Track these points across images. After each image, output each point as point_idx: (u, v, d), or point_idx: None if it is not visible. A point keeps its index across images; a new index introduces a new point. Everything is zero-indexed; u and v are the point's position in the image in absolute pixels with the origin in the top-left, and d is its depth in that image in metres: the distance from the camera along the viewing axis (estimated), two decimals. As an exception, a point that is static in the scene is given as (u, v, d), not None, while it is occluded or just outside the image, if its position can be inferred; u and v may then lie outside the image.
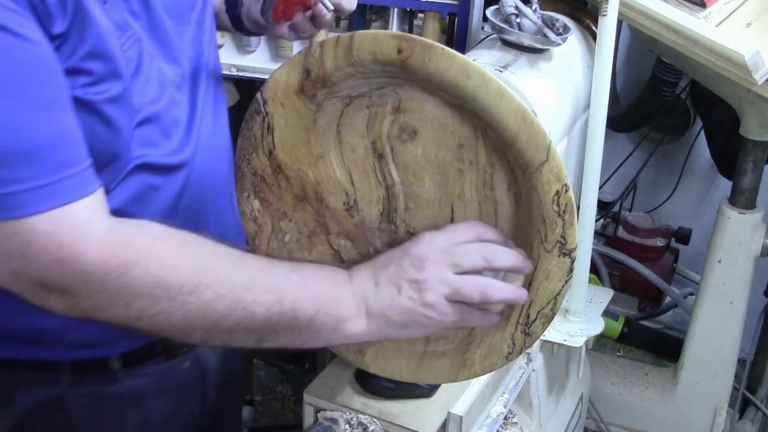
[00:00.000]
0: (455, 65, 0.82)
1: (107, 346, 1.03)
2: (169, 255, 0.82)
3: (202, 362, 1.15)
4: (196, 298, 0.82)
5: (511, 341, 0.93)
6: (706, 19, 1.34)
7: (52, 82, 0.81)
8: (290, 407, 2.40)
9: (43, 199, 0.78)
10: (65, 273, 0.80)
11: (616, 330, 2.21)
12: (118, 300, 0.81)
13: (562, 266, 0.88)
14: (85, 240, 0.80)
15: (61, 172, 0.80)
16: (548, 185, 0.84)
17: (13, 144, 0.77)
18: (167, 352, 1.10)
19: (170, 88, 0.99)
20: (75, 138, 0.83)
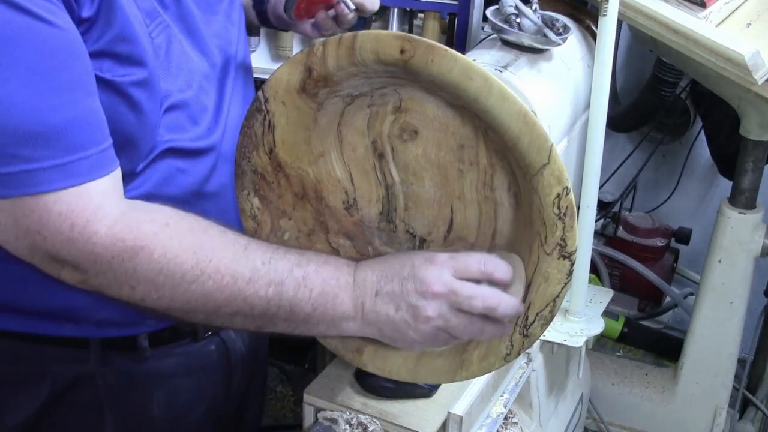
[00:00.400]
0: (458, 67, 0.82)
1: (135, 326, 1.06)
2: (174, 243, 0.85)
3: (228, 346, 1.18)
4: (198, 287, 0.86)
5: (509, 342, 0.93)
6: (706, 19, 1.34)
7: (76, 66, 0.84)
8: (290, 407, 2.40)
9: (60, 178, 0.82)
10: (76, 252, 0.84)
11: (616, 330, 2.21)
12: (124, 282, 0.85)
13: (561, 269, 0.88)
14: (97, 223, 0.83)
15: (79, 152, 0.83)
16: (549, 188, 0.84)
17: (35, 124, 0.80)
18: (194, 335, 1.12)
19: (198, 76, 1.01)
20: (96, 121, 0.86)
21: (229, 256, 0.87)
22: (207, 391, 1.18)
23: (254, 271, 0.87)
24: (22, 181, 0.81)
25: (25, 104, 0.80)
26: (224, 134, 1.05)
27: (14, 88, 0.79)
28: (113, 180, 0.87)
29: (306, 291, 0.89)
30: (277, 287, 0.88)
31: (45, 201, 0.82)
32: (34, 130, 0.80)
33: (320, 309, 0.89)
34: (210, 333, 1.14)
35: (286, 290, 0.88)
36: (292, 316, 0.89)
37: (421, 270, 0.89)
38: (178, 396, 1.14)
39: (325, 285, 0.90)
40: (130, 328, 1.06)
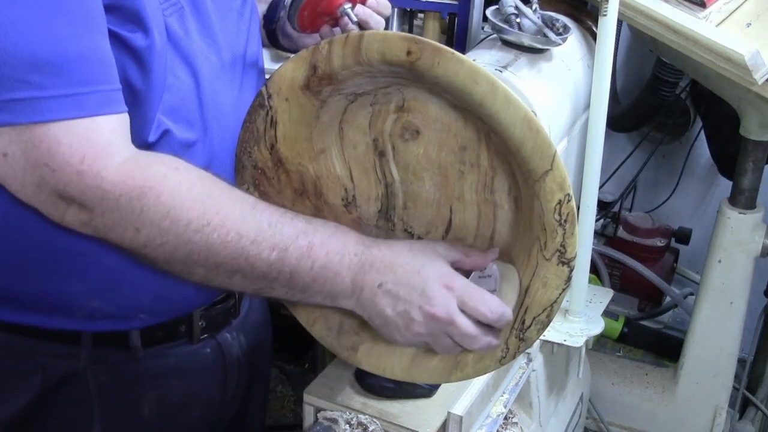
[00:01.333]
0: (464, 70, 0.82)
1: (127, 319, 1.05)
2: (183, 189, 0.85)
3: (223, 349, 1.16)
4: (201, 238, 0.85)
5: (505, 346, 0.93)
6: (706, 19, 1.34)
7: (91, 3, 0.84)
8: (290, 407, 2.40)
9: (68, 108, 0.82)
10: (84, 186, 0.83)
11: (616, 330, 2.21)
12: (129, 223, 0.84)
13: (560, 275, 0.88)
14: (107, 159, 0.83)
15: (88, 85, 0.83)
16: (551, 194, 0.84)
17: (44, 50, 0.80)
18: (189, 336, 1.11)
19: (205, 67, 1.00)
20: (106, 59, 0.85)
21: (236, 212, 0.87)
22: (201, 394, 1.16)
23: (260, 231, 0.87)
24: (30, 107, 0.80)
25: (38, 31, 0.80)
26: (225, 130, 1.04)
27: (28, 13, 0.79)
28: (123, 122, 0.86)
29: (308, 261, 0.88)
30: (280, 252, 0.87)
31: (54, 131, 0.81)
32: (45, 57, 0.80)
33: (319, 281, 0.90)
34: (206, 335, 1.14)
35: (289, 257, 0.88)
36: (291, 283, 0.89)
37: (431, 288, 0.90)
38: (171, 397, 1.12)
39: (328, 260, 0.89)
40: (121, 322, 1.05)
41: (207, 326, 1.12)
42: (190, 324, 1.10)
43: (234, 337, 1.18)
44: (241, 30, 1.09)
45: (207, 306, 1.11)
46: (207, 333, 1.13)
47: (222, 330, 1.16)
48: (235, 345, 1.18)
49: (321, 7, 1.14)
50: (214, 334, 1.14)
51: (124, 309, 1.03)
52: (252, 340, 1.23)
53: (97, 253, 0.95)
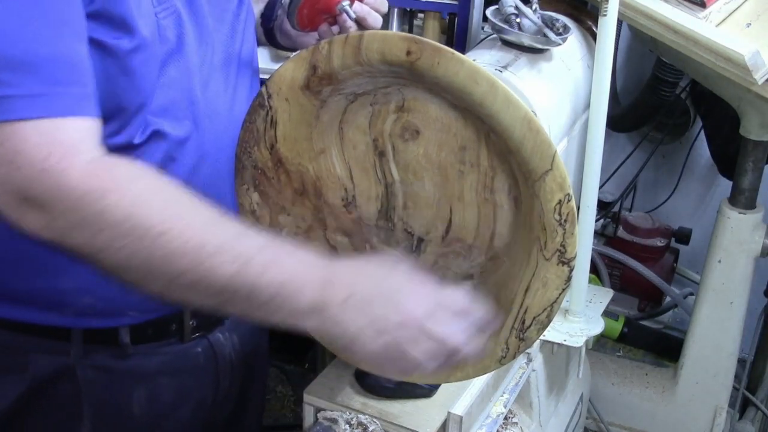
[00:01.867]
0: (464, 70, 0.82)
1: (116, 316, 1.04)
2: (147, 193, 0.83)
3: (216, 349, 1.15)
4: (161, 245, 0.82)
5: (505, 346, 0.93)
6: (706, 19, 1.34)
7: (68, 7, 0.83)
8: (290, 407, 2.40)
9: (36, 108, 0.81)
10: (46, 185, 0.81)
11: (616, 330, 2.21)
12: (89, 224, 0.82)
13: (560, 275, 0.88)
14: (72, 158, 0.82)
15: (59, 86, 0.82)
16: (551, 194, 0.84)
17: (16, 49, 0.80)
18: (180, 335, 1.10)
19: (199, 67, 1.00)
20: (81, 63, 0.85)
21: (199, 221, 0.84)
22: (192, 394, 1.16)
23: (222, 243, 0.84)
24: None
25: (11, 30, 0.80)
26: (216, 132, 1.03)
27: (2, 13, 0.79)
28: (92, 125, 0.85)
29: (270, 275, 0.84)
30: (241, 266, 0.83)
31: (22, 130, 0.80)
32: (16, 56, 0.80)
33: (279, 298, 0.85)
34: (197, 334, 1.12)
35: (250, 271, 0.84)
36: (251, 299, 0.85)
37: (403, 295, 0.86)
38: (161, 396, 1.12)
39: (292, 274, 0.85)
40: (111, 319, 1.04)
41: (198, 325, 1.12)
42: (180, 323, 1.10)
43: (227, 337, 1.17)
44: (237, 31, 1.09)
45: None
46: (198, 332, 1.12)
47: (214, 330, 1.15)
48: (227, 345, 1.17)
49: (320, 5, 1.14)
50: (206, 333, 1.14)
51: (113, 305, 1.03)
52: (247, 340, 1.22)
53: None
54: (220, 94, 1.03)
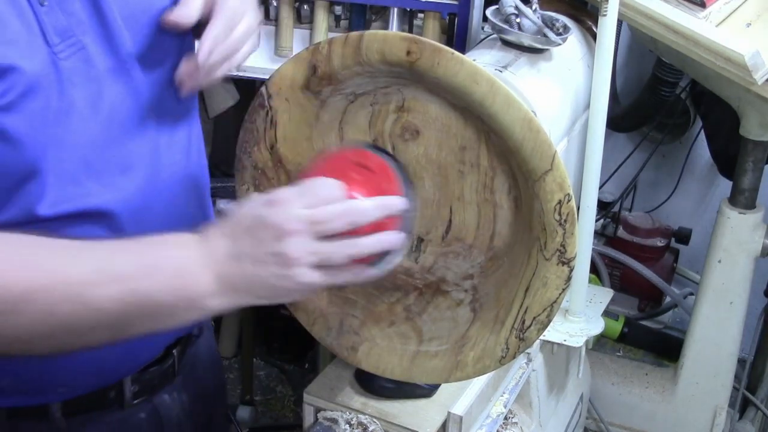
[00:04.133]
0: (464, 70, 0.82)
1: (43, 393, 0.96)
2: (2, 266, 0.76)
3: (161, 413, 1.06)
4: (39, 306, 0.77)
5: (505, 345, 0.93)
6: (706, 19, 1.34)
7: None
8: (290, 407, 2.40)
9: None
10: None
11: (616, 330, 2.21)
12: None
13: (560, 275, 0.88)
14: None
15: None
16: (551, 194, 0.85)
17: None
18: (120, 401, 1.01)
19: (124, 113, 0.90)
20: None
21: (65, 262, 0.78)
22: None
23: (97, 271, 0.79)
24: None
25: None
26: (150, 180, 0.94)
27: None
28: None
29: (159, 277, 0.80)
30: (127, 283, 0.79)
31: None
32: None
33: (179, 293, 0.80)
34: (140, 399, 1.02)
35: (138, 284, 0.79)
36: (152, 310, 0.81)
37: (269, 216, 0.80)
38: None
39: (177, 265, 0.81)
40: (39, 397, 0.96)
41: (140, 390, 1.03)
42: (120, 389, 1.01)
43: (174, 398, 1.08)
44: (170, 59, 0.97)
45: (140, 370, 1.02)
46: (141, 397, 1.03)
47: (159, 392, 1.06)
48: (175, 407, 1.08)
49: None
50: (150, 396, 1.05)
51: (39, 385, 0.95)
52: (200, 393, 1.13)
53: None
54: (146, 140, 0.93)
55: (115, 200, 0.90)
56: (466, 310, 0.98)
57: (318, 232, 0.80)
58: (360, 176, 0.85)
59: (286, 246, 0.79)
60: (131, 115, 0.91)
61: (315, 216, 0.80)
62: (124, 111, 0.90)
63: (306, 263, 0.80)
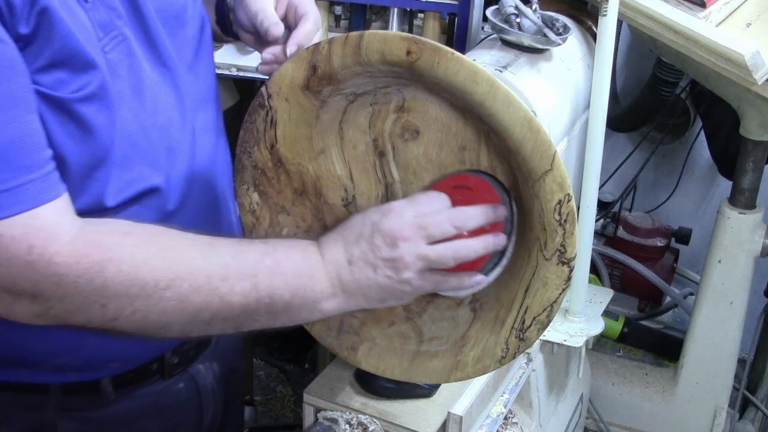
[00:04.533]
0: (464, 70, 0.82)
1: (97, 370, 1.01)
2: (141, 251, 0.81)
3: (197, 381, 1.13)
4: (173, 293, 0.81)
5: (505, 345, 0.93)
6: (706, 19, 1.34)
7: (17, 81, 0.78)
8: (290, 407, 2.40)
9: (9, 204, 0.77)
10: (36, 277, 0.78)
11: (616, 330, 2.21)
12: (94, 302, 0.80)
13: (560, 275, 0.88)
14: (56, 242, 0.78)
15: (26, 175, 0.78)
16: (551, 194, 0.84)
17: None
18: (161, 372, 1.07)
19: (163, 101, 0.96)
20: (39, 141, 0.80)
21: (197, 255, 0.84)
22: (178, 429, 1.12)
23: (226, 266, 0.84)
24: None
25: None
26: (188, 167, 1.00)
27: None
28: (63, 201, 0.81)
29: (281, 278, 0.86)
30: (251, 279, 0.84)
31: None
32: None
33: (299, 293, 0.87)
34: (179, 370, 1.09)
35: (262, 281, 0.85)
36: (272, 307, 0.86)
37: (382, 223, 0.88)
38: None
39: (298, 267, 0.87)
40: (92, 373, 1.00)
41: (179, 361, 1.09)
42: (161, 362, 1.07)
43: (207, 367, 1.14)
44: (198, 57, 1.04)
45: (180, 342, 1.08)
46: (180, 368, 1.09)
47: (194, 362, 1.12)
48: (208, 375, 1.15)
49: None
50: (186, 367, 1.11)
51: (93, 362, 0.99)
52: (225, 364, 1.19)
53: None
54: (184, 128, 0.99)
55: (162, 180, 0.95)
56: (466, 310, 0.98)
57: (428, 237, 0.87)
58: (461, 195, 0.92)
59: (399, 251, 0.87)
60: (170, 102, 0.96)
61: (424, 221, 0.87)
62: (162, 98, 0.95)
63: (416, 268, 0.88)
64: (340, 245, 0.89)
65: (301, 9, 1.03)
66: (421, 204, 0.89)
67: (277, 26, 1.00)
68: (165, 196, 0.96)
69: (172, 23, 0.98)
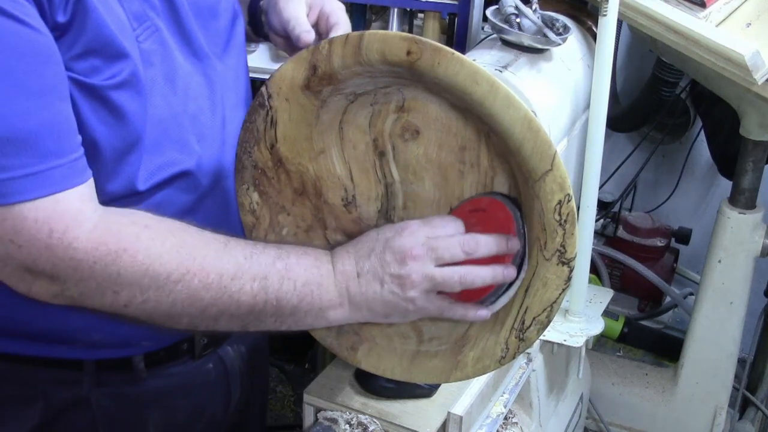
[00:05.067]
0: (464, 70, 0.82)
1: (130, 347, 1.04)
2: (157, 244, 0.84)
3: (226, 363, 1.16)
4: (183, 287, 0.85)
5: (504, 345, 0.93)
6: (706, 19, 1.34)
7: (50, 70, 0.81)
8: (290, 407, 2.40)
9: (34, 187, 0.79)
10: (54, 259, 0.81)
11: (616, 330, 2.22)
12: (107, 288, 0.83)
13: (560, 275, 0.88)
14: (77, 228, 0.81)
15: (52, 160, 0.80)
16: (551, 194, 0.84)
17: (6, 130, 0.78)
18: (192, 353, 1.10)
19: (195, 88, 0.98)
20: (68, 128, 0.83)
21: (211, 253, 0.87)
22: (205, 410, 1.16)
23: (238, 266, 0.87)
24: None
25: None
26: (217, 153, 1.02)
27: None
28: (89, 187, 0.84)
29: (290, 283, 0.89)
30: (261, 281, 0.88)
31: (20, 209, 0.79)
32: (5, 136, 0.77)
33: (306, 299, 0.90)
34: (208, 351, 1.12)
35: (271, 284, 0.88)
36: (279, 310, 0.89)
37: (394, 240, 0.90)
38: (176, 416, 1.12)
39: (308, 275, 0.90)
40: (125, 350, 1.04)
41: (209, 342, 1.12)
42: (191, 342, 1.10)
43: (235, 349, 1.17)
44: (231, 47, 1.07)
45: None
46: (209, 348, 1.13)
47: (223, 343, 1.15)
48: (236, 357, 1.18)
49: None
50: (216, 348, 1.14)
51: (126, 339, 1.02)
52: (251, 346, 1.22)
53: None
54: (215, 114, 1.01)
55: (193, 164, 0.97)
56: (466, 310, 0.98)
57: (437, 259, 0.89)
58: (476, 218, 0.93)
59: (407, 269, 0.89)
60: (200, 91, 0.99)
61: (436, 243, 0.89)
62: (194, 87, 0.98)
63: (422, 288, 0.90)
64: (352, 257, 0.92)
65: (333, 18, 1.08)
66: (435, 226, 0.91)
67: (309, 34, 1.05)
68: (196, 180, 0.98)
69: (205, 15, 1.01)
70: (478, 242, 0.90)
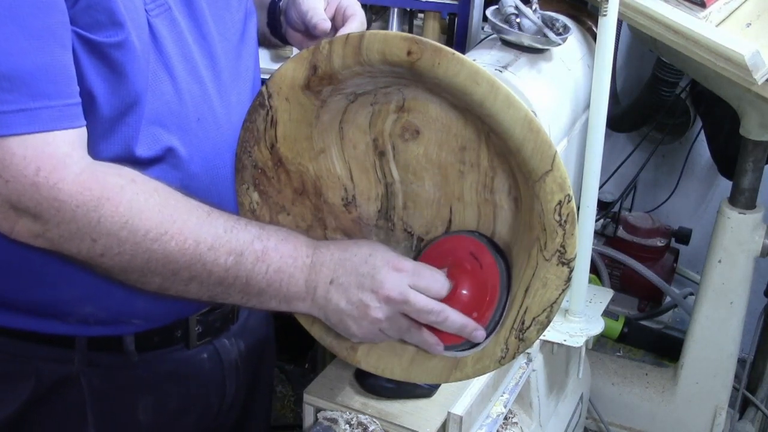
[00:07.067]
0: (465, 71, 0.82)
1: (120, 324, 1.05)
2: (140, 199, 0.86)
3: (221, 355, 1.16)
4: (160, 247, 0.86)
5: (504, 346, 0.93)
6: (706, 19, 1.34)
7: (54, 17, 0.83)
8: (290, 407, 2.40)
9: (23, 123, 0.82)
10: (39, 198, 0.83)
11: (616, 330, 2.21)
12: (86, 234, 0.84)
13: (560, 275, 0.88)
14: (63, 170, 0.83)
15: (43, 100, 0.82)
16: (551, 195, 0.84)
17: (2, 66, 0.80)
18: (186, 341, 1.11)
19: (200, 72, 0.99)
20: (66, 75, 0.85)
21: (193, 219, 0.88)
22: (198, 401, 1.16)
23: (216, 238, 0.88)
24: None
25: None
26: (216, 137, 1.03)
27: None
28: (80, 135, 0.86)
29: (263, 266, 0.90)
30: (236, 257, 0.89)
31: (8, 144, 0.81)
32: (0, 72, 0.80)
33: (274, 286, 0.91)
34: (203, 340, 1.13)
35: (245, 262, 0.89)
36: (247, 288, 0.91)
37: (381, 272, 0.91)
38: (167, 403, 1.12)
39: (282, 263, 0.91)
40: (115, 327, 1.04)
41: (204, 332, 1.12)
42: (186, 329, 1.10)
43: (232, 343, 1.18)
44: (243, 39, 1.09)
45: (204, 312, 1.11)
46: (204, 338, 1.13)
47: (220, 335, 1.15)
48: (233, 351, 1.18)
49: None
50: (212, 339, 1.14)
51: (117, 314, 1.03)
52: (252, 344, 1.22)
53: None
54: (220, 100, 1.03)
55: (188, 143, 0.98)
56: (466, 310, 0.98)
57: (405, 311, 0.91)
58: (470, 267, 0.94)
59: (377, 306, 0.91)
60: (207, 75, 1.00)
61: (414, 300, 0.90)
62: (200, 70, 0.99)
63: (379, 326, 0.92)
64: (335, 263, 0.93)
65: (349, 11, 1.11)
66: (422, 278, 0.92)
67: (325, 22, 1.08)
68: (189, 160, 0.99)
69: (219, 4, 1.04)
70: (447, 319, 0.91)
